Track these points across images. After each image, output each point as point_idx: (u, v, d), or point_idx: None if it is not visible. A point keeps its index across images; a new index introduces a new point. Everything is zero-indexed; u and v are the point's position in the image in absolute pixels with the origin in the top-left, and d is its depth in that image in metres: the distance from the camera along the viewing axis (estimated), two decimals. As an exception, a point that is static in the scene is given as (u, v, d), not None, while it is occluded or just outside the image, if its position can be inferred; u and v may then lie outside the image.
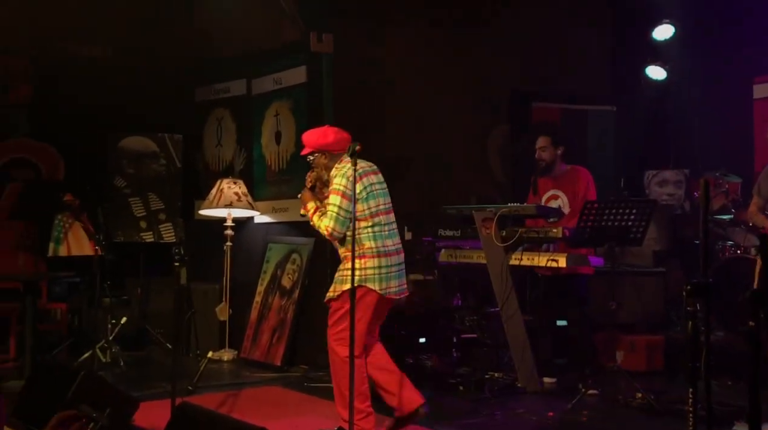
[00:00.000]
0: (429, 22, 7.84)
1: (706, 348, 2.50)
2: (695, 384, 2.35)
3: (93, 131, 7.24)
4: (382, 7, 7.53)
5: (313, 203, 4.44)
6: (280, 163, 7.01)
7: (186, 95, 7.87)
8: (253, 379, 6.19)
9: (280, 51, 6.95)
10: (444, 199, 6.75)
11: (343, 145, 4.40)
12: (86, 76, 7.24)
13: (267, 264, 7.01)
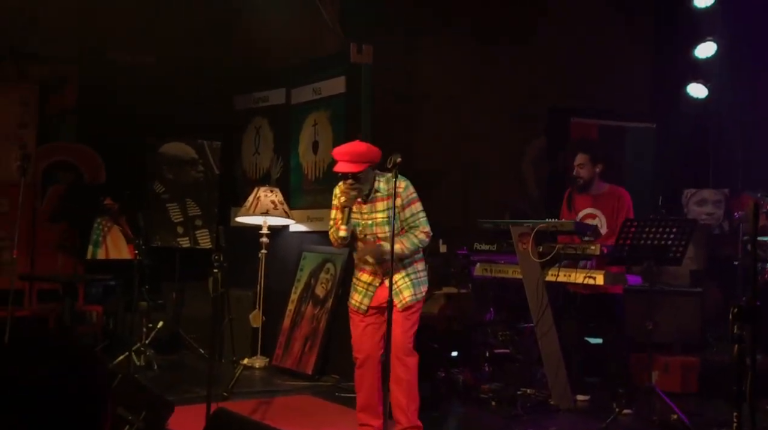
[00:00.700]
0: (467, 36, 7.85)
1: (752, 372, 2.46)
2: (740, 407, 2.31)
3: (134, 136, 7.35)
4: (421, 20, 7.56)
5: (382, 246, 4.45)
6: (317, 173, 7.04)
7: (226, 103, 7.95)
8: (285, 387, 6.21)
9: (319, 61, 7.00)
10: (477, 212, 6.74)
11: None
12: (130, 82, 7.36)
13: (301, 273, 7.04)
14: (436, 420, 5.28)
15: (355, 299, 4.64)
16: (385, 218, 4.39)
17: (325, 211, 6.89)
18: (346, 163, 4.39)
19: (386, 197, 4.41)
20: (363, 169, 4.39)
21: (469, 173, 8.02)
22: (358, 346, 4.67)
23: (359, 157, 4.39)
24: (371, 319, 4.61)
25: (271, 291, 7.02)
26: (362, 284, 4.61)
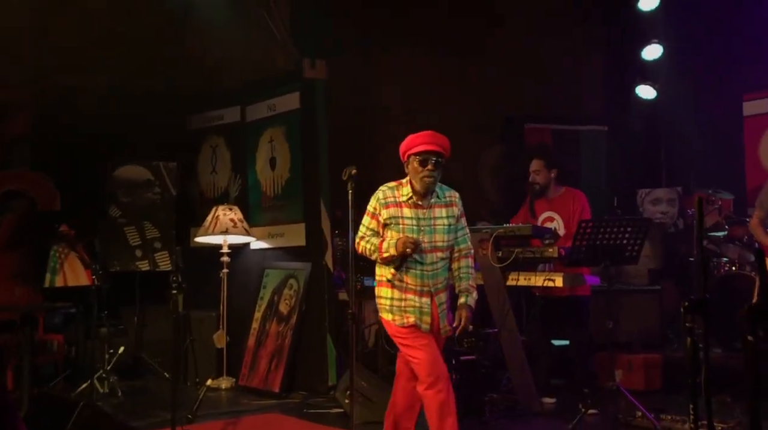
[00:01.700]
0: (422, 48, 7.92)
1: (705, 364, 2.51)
2: (695, 401, 2.36)
3: (89, 161, 7.25)
4: (376, 34, 7.61)
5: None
6: (275, 189, 7.03)
7: (180, 123, 7.90)
8: (252, 406, 6.15)
9: (273, 78, 6.99)
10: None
11: None
12: (82, 107, 7.27)
13: (264, 290, 7.00)
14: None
15: (409, 319, 4.07)
16: (446, 226, 4.12)
17: (285, 227, 6.92)
18: (436, 145, 4.09)
19: (444, 205, 4.17)
20: (446, 158, 4.13)
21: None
22: (437, 361, 4.06)
23: (448, 147, 4.14)
24: (430, 336, 4.11)
25: (234, 310, 6.97)
26: (411, 302, 4.08)
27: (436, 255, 4.08)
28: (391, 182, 4.20)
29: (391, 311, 4.10)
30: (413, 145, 4.09)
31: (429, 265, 4.06)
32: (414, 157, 4.07)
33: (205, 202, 7.60)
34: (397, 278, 4.08)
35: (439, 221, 4.10)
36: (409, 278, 4.06)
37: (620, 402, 5.24)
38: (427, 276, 4.06)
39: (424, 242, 4.04)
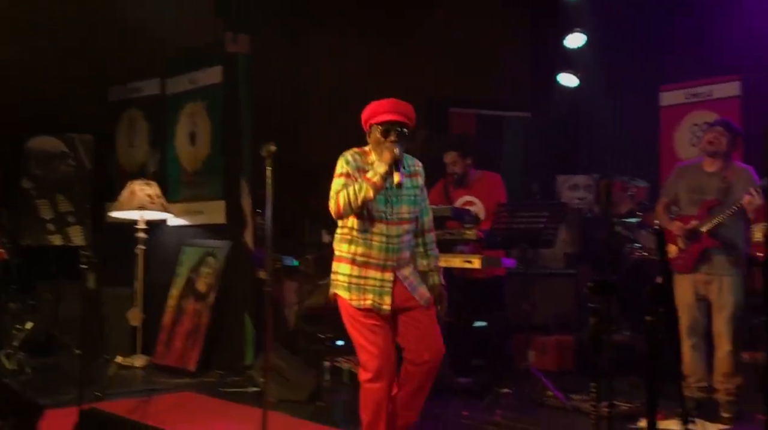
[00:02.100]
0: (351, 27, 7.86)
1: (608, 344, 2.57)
2: (598, 380, 2.41)
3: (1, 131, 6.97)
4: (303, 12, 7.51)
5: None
6: (195, 165, 6.90)
7: (98, 95, 7.66)
8: (166, 385, 6.05)
9: (195, 51, 6.84)
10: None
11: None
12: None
13: (181, 268, 6.88)
14: (320, 410, 5.28)
15: (367, 300, 3.80)
16: (411, 197, 3.88)
17: (205, 204, 6.80)
18: (399, 114, 3.88)
19: (410, 175, 3.90)
20: (410, 125, 3.91)
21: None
22: (384, 353, 3.77)
23: (412, 116, 3.94)
24: (389, 320, 3.87)
25: (150, 288, 6.84)
26: (372, 280, 3.82)
27: (402, 227, 3.85)
28: (354, 148, 3.93)
29: (348, 289, 3.82)
30: (375, 114, 3.90)
31: (395, 237, 3.82)
32: (376, 126, 3.87)
33: (121, 177, 7.40)
34: (358, 253, 3.81)
35: (405, 192, 3.86)
36: (373, 252, 3.79)
37: (533, 382, 5.36)
38: (392, 249, 3.81)
39: (391, 213, 3.81)
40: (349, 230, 3.84)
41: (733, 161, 4.97)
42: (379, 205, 3.79)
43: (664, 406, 4.49)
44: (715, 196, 4.86)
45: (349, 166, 3.82)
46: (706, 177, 4.95)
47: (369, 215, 3.80)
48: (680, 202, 5.07)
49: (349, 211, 3.72)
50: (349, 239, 3.85)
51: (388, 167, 3.67)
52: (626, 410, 4.73)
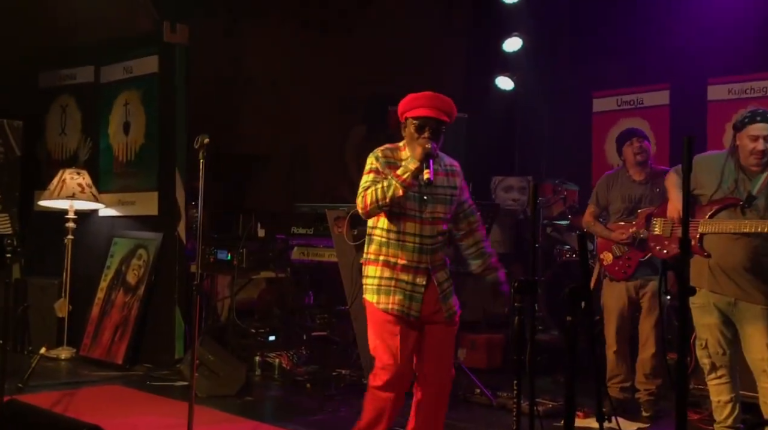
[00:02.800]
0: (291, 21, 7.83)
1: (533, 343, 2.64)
2: (520, 378, 2.48)
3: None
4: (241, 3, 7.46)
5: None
6: (128, 155, 6.78)
7: (29, 80, 7.46)
8: (93, 377, 5.96)
9: (132, 39, 6.72)
10: (301, 197, 6.77)
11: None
12: None
13: (111, 259, 6.76)
14: (250, 405, 5.27)
15: (395, 304, 3.56)
16: (446, 196, 3.64)
17: (137, 195, 6.69)
18: (436, 110, 3.57)
19: (445, 173, 3.66)
20: (447, 122, 3.62)
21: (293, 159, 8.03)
22: (401, 367, 3.53)
23: (451, 112, 3.64)
24: (416, 329, 3.61)
25: (78, 279, 6.70)
26: (403, 283, 3.58)
27: (437, 227, 3.61)
28: (387, 144, 3.71)
29: (376, 292, 3.58)
30: (410, 107, 3.62)
31: (428, 238, 3.58)
32: (411, 120, 3.60)
33: (52, 165, 7.23)
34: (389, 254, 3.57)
35: (441, 191, 3.62)
36: (405, 253, 3.56)
37: (462, 379, 5.44)
38: (426, 250, 3.57)
39: (426, 212, 3.57)
40: (380, 230, 3.62)
41: (655, 168, 5.13)
42: (413, 204, 3.56)
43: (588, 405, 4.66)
44: (652, 205, 4.97)
45: (378, 162, 3.58)
46: (638, 186, 5.08)
47: (401, 214, 3.56)
48: (612, 210, 5.17)
49: (376, 210, 3.49)
50: (379, 241, 3.62)
51: (419, 164, 3.41)
52: (550, 408, 4.84)
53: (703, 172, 4.07)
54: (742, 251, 3.95)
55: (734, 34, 6.62)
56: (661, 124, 7.42)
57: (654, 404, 5.00)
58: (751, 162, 3.97)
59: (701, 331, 4.14)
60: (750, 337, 4.00)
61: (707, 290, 4.06)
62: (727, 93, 7.05)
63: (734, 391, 4.12)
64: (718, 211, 4.05)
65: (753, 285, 3.95)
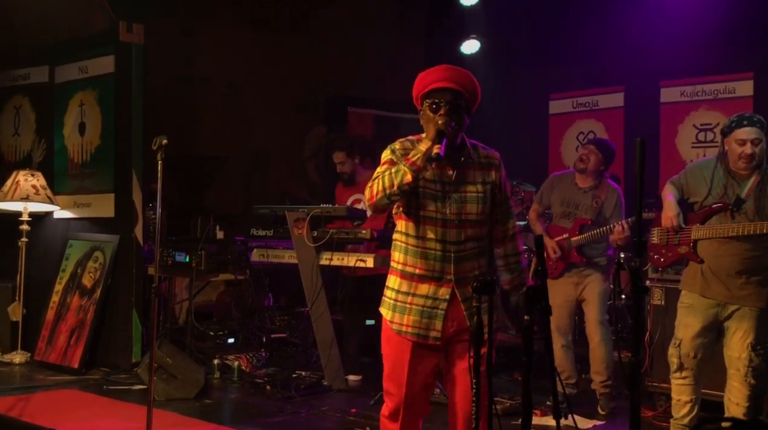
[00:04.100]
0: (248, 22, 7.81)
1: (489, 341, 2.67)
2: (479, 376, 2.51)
3: None
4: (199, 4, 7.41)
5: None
6: (83, 156, 6.69)
7: (-20, 80, 7.32)
8: (48, 382, 5.86)
9: (87, 39, 6.63)
10: (259, 199, 6.75)
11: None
12: None
13: (66, 262, 6.66)
14: (208, 407, 5.24)
15: (409, 325, 3.06)
16: (478, 194, 3.07)
17: (93, 197, 6.60)
18: (451, 82, 3.02)
19: (478, 167, 3.10)
20: (465, 96, 3.04)
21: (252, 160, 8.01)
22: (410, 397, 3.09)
23: (470, 85, 3.06)
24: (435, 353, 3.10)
25: (32, 282, 6.60)
26: (421, 299, 3.06)
27: (466, 231, 3.05)
28: (410, 136, 3.15)
29: (393, 308, 3.11)
30: (423, 85, 3.06)
31: (453, 244, 3.03)
32: (425, 100, 3.04)
33: (5, 166, 7.10)
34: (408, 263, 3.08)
35: (471, 188, 3.06)
36: (425, 261, 3.04)
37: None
38: (449, 258, 3.02)
39: (451, 213, 3.03)
40: (400, 235, 3.13)
41: (606, 179, 5.25)
42: (434, 203, 3.03)
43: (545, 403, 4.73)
44: (589, 216, 5.14)
45: (394, 155, 3.05)
46: (579, 193, 5.22)
47: (422, 216, 3.04)
48: (553, 212, 5.32)
49: (384, 200, 2.94)
50: (400, 247, 3.13)
51: (432, 144, 2.87)
52: (508, 406, 4.90)
53: (694, 179, 4.16)
54: (733, 254, 4.01)
55: (686, 38, 6.78)
56: (615, 126, 7.56)
57: (610, 399, 5.11)
58: (740, 166, 4.02)
59: (680, 330, 4.21)
60: (733, 334, 4.06)
61: (699, 294, 4.12)
62: (679, 95, 7.22)
63: (695, 393, 4.20)
64: (709, 217, 4.11)
65: (743, 288, 4.02)
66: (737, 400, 4.06)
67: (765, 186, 3.98)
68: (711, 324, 4.12)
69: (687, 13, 6.68)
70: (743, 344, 4.01)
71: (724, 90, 6.96)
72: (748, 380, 4.02)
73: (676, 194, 4.21)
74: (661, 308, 5.03)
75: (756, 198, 3.98)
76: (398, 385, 3.08)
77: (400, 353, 3.07)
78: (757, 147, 3.96)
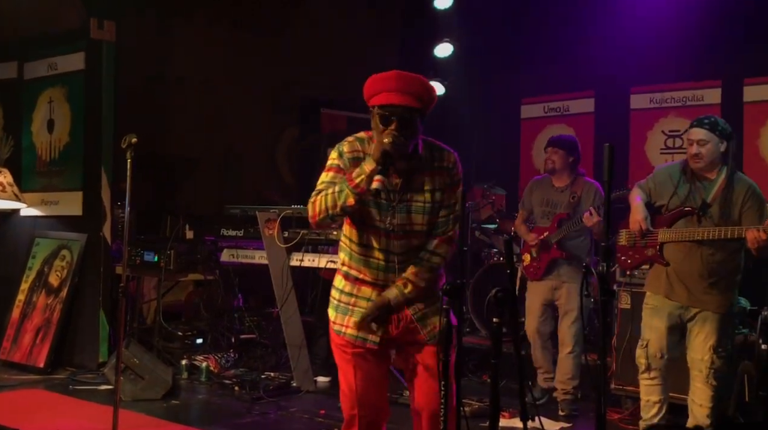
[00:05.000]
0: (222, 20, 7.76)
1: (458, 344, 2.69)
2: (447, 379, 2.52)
3: None
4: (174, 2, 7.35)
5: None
6: (52, 153, 6.61)
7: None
8: (12, 382, 5.79)
9: (57, 35, 6.55)
10: (231, 199, 6.71)
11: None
12: None
13: (33, 260, 6.57)
14: (176, 408, 5.20)
15: (349, 326, 2.98)
16: (425, 204, 2.91)
17: (61, 194, 6.53)
18: (403, 94, 2.81)
19: (429, 173, 2.92)
20: (418, 108, 2.84)
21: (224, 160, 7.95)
22: (361, 398, 3.00)
23: (425, 93, 2.87)
24: (381, 357, 3.03)
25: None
26: (363, 301, 2.98)
27: (411, 242, 2.93)
28: (361, 133, 2.99)
29: (336, 309, 3.03)
30: (374, 92, 2.89)
31: (398, 254, 2.92)
32: (375, 109, 2.87)
33: (-29, 163, 7.00)
34: (352, 267, 2.98)
35: (418, 197, 2.91)
36: (369, 269, 2.95)
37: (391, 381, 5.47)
38: (394, 268, 2.93)
39: (395, 224, 2.89)
40: (345, 239, 3.01)
41: (581, 176, 5.30)
42: (377, 212, 2.89)
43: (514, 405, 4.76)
44: (565, 211, 5.17)
45: (341, 159, 2.90)
46: (557, 192, 5.27)
47: (365, 224, 2.91)
48: (534, 214, 5.38)
49: (327, 220, 2.84)
50: (345, 250, 3.02)
51: (376, 166, 2.73)
52: (476, 408, 4.93)
53: (661, 183, 4.23)
54: (698, 258, 4.06)
55: (656, 45, 6.86)
56: (586, 131, 7.63)
57: (570, 404, 5.17)
58: (693, 165, 4.11)
59: (646, 331, 4.26)
60: (696, 337, 4.11)
61: (663, 296, 4.18)
62: (648, 102, 7.30)
63: (663, 394, 4.26)
64: (676, 220, 4.16)
65: (706, 292, 4.07)
66: (700, 401, 4.12)
67: (730, 192, 4.03)
68: (675, 325, 4.17)
69: (658, 21, 6.76)
70: (705, 346, 4.07)
71: (692, 98, 7.06)
72: (710, 382, 4.08)
73: (644, 197, 4.28)
74: (627, 312, 5.08)
75: (721, 204, 4.04)
76: (349, 384, 3.00)
77: (344, 355, 3.01)
78: (703, 147, 4.05)
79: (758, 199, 4.04)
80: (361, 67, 8.70)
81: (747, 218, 3.99)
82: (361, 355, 2.97)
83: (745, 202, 4.01)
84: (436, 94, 2.93)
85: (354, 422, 3.01)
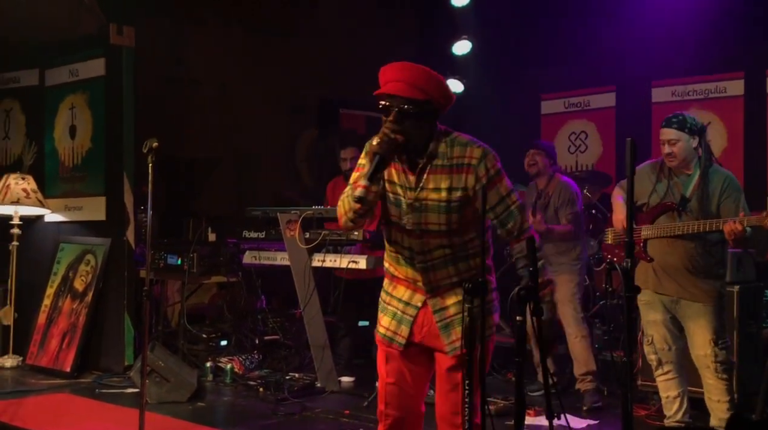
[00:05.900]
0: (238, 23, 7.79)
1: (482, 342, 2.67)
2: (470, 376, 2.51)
3: None
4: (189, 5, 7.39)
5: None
6: (74, 159, 6.67)
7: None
8: (40, 386, 5.84)
9: (77, 41, 6.61)
10: (250, 201, 6.74)
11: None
12: None
13: (58, 265, 6.63)
14: (201, 411, 5.22)
15: (383, 325, 2.97)
16: (442, 202, 2.77)
17: (84, 200, 6.59)
18: (398, 83, 2.73)
19: (448, 170, 2.77)
20: (421, 99, 2.71)
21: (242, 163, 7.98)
22: (388, 396, 2.96)
23: (423, 83, 2.73)
24: (414, 359, 2.94)
25: (24, 285, 6.57)
26: (396, 301, 2.94)
27: (429, 242, 2.81)
28: None
29: (380, 309, 3.01)
30: (380, 83, 2.80)
31: (418, 254, 2.84)
32: (378, 99, 2.80)
33: (-5, 170, 7.07)
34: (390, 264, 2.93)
35: (433, 195, 2.77)
36: (399, 268, 2.91)
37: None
38: (419, 268, 2.84)
39: (410, 223, 2.80)
40: (384, 235, 2.97)
41: (556, 176, 5.51)
42: (395, 209, 2.82)
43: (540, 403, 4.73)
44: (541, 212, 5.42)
45: (366, 157, 2.80)
46: (538, 193, 5.52)
47: (390, 221, 2.86)
48: None
49: (349, 224, 2.79)
50: (385, 247, 2.98)
51: (368, 167, 2.66)
52: (501, 406, 4.90)
53: (640, 182, 4.27)
54: (681, 252, 4.13)
55: (677, 39, 6.79)
56: (607, 126, 7.57)
57: (592, 395, 5.16)
58: (668, 164, 4.19)
59: (647, 327, 4.32)
60: (693, 334, 4.16)
61: (652, 291, 4.24)
62: (670, 95, 7.23)
63: (682, 386, 4.28)
64: (657, 216, 4.22)
65: (692, 283, 4.12)
66: (717, 397, 4.14)
67: (706, 186, 4.10)
68: (672, 316, 4.23)
69: (678, 13, 6.70)
70: (705, 341, 4.10)
71: (715, 90, 6.98)
72: (720, 375, 4.10)
73: (625, 196, 4.30)
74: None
75: (699, 198, 4.10)
76: (383, 381, 2.97)
77: (381, 355, 2.99)
78: (675, 146, 4.12)
79: (735, 189, 4.10)
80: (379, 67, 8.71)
81: (725, 208, 4.05)
82: (392, 354, 2.94)
83: (722, 194, 4.07)
84: (446, 88, 2.81)
85: (381, 418, 3.00)
